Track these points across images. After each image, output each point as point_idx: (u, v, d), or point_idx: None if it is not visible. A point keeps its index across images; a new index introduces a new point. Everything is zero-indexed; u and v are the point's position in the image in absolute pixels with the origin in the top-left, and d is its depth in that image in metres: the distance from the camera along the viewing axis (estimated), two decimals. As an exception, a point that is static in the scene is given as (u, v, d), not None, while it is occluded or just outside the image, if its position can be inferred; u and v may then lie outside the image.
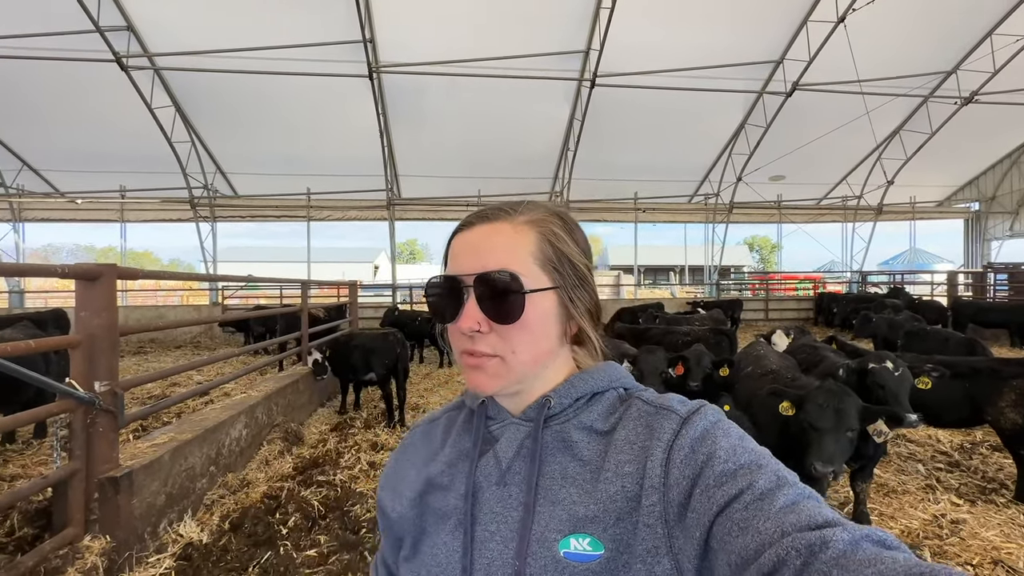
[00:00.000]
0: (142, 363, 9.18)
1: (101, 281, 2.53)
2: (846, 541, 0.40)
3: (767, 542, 0.42)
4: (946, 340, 6.00)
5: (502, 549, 0.56)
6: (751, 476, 0.48)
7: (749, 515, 0.45)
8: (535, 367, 0.62)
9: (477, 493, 0.61)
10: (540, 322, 0.60)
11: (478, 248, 0.61)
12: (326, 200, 14.72)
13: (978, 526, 2.96)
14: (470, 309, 0.59)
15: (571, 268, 0.63)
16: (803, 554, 0.40)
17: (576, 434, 0.60)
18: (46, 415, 2.43)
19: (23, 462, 4.09)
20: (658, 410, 0.59)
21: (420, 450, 0.70)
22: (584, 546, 0.53)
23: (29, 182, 13.87)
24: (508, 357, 0.60)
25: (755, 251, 49.78)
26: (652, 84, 11.76)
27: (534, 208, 0.64)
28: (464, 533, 0.59)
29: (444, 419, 0.72)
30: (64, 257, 41.26)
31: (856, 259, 17.44)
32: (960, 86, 12.68)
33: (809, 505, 0.45)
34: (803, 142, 13.90)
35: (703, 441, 0.53)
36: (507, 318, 0.58)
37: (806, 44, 11.25)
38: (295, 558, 2.71)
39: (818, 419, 2.34)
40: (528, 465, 0.59)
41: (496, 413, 0.66)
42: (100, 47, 9.83)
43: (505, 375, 0.60)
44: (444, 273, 0.63)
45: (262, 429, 4.35)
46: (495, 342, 0.60)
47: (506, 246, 0.61)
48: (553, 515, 0.56)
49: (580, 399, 0.63)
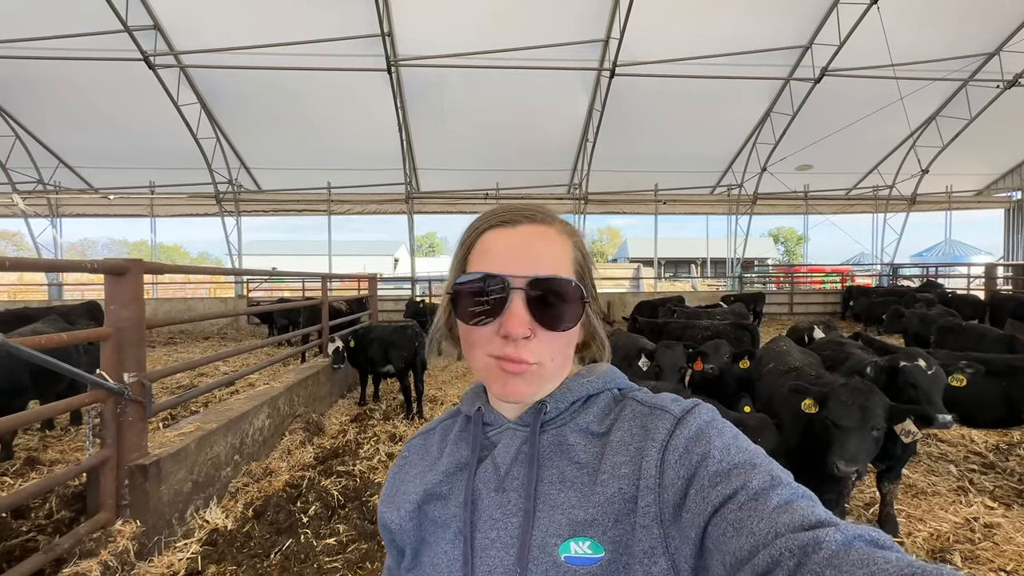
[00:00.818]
0: (172, 353, 9.50)
1: (128, 276, 2.61)
2: (839, 541, 0.40)
3: (761, 543, 0.42)
4: (982, 336, 5.74)
5: (503, 556, 0.56)
6: (745, 476, 0.48)
7: (743, 515, 0.45)
8: (560, 374, 0.63)
9: (476, 500, 0.60)
10: (575, 331, 0.62)
11: (528, 249, 0.59)
12: (346, 194, 14.90)
13: (1013, 531, 2.84)
14: (519, 313, 0.56)
15: (591, 278, 0.65)
16: (796, 555, 0.40)
17: (573, 437, 0.60)
18: (79, 404, 2.53)
19: (61, 448, 4.29)
20: (652, 410, 0.58)
21: (417, 463, 0.70)
22: (584, 549, 0.53)
23: (65, 179, 14.43)
24: (547, 364, 0.59)
25: (780, 243, 48.51)
26: (673, 72, 11.48)
27: (561, 218, 0.65)
28: (464, 541, 0.58)
29: (439, 429, 0.72)
30: (100, 250, 42.90)
31: (887, 251, 16.83)
32: (1003, 68, 12.02)
33: (803, 505, 0.45)
34: (832, 130, 13.42)
35: (697, 441, 0.53)
36: (560, 325, 0.58)
37: (836, 27, 10.81)
38: (315, 546, 2.77)
39: (842, 417, 2.27)
40: (526, 470, 0.59)
41: (493, 419, 0.65)
42: (128, 46, 10.11)
43: (539, 382, 0.60)
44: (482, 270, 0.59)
45: (284, 419, 4.46)
46: (538, 348, 0.58)
47: (556, 252, 0.60)
48: (553, 520, 0.55)
49: (576, 402, 0.62)
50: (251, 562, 2.64)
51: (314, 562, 2.64)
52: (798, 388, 2.49)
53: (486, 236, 0.61)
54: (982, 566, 2.54)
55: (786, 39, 11.42)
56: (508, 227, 0.60)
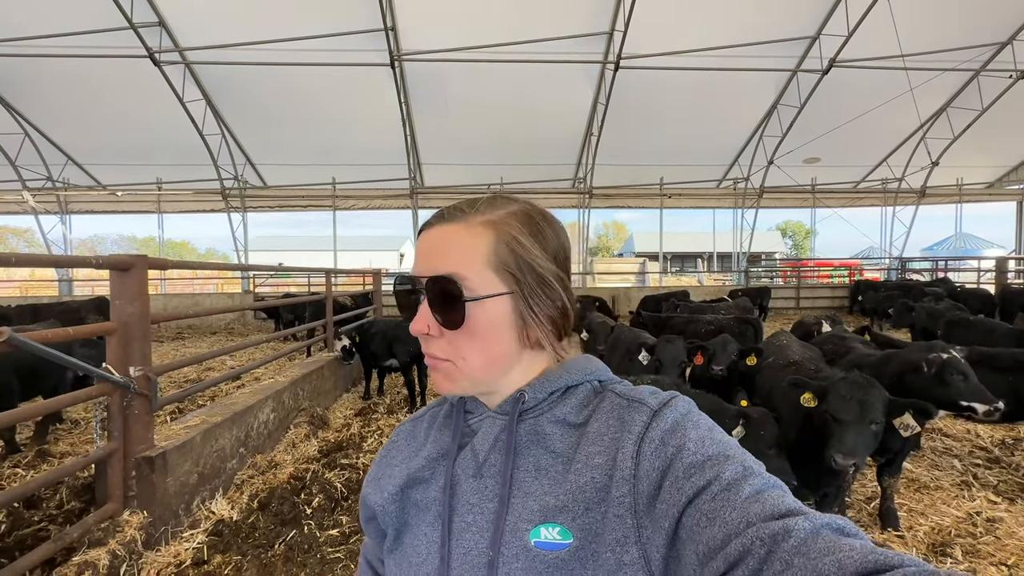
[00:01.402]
0: (180, 348, 9.61)
1: (133, 272, 2.65)
2: (807, 530, 0.41)
3: (733, 532, 0.44)
4: (991, 331, 5.66)
5: (477, 539, 0.58)
6: (718, 467, 0.49)
7: (716, 505, 0.46)
8: (491, 373, 0.62)
9: (455, 485, 0.62)
10: (489, 329, 0.59)
11: (431, 250, 0.61)
12: (351, 190, 14.95)
13: (1016, 525, 2.83)
14: (423, 312, 0.60)
15: (531, 274, 0.60)
16: (767, 543, 0.41)
17: (549, 427, 0.61)
18: (86, 398, 2.57)
19: (72, 440, 4.37)
20: (630, 403, 0.59)
21: (404, 448, 0.71)
22: (554, 535, 0.54)
23: (74, 176, 14.58)
24: (459, 363, 0.60)
25: (788, 237, 48.08)
26: (678, 65, 11.37)
27: (496, 206, 0.62)
28: (442, 524, 0.60)
29: (428, 415, 0.74)
30: (109, 246, 43.39)
31: (896, 245, 16.64)
32: (1016, 58, 11.79)
33: (774, 494, 0.46)
34: (840, 122, 13.25)
35: (673, 433, 0.54)
36: (452, 324, 0.59)
37: (844, 17, 10.65)
38: (318, 537, 2.81)
39: (841, 411, 2.26)
40: (503, 458, 0.60)
41: (474, 408, 0.67)
42: (134, 43, 10.17)
43: (459, 379, 0.61)
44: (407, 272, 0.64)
45: (289, 413, 4.51)
46: (445, 347, 0.60)
47: (458, 249, 0.59)
48: (525, 506, 0.57)
49: (554, 393, 0.63)
50: (256, 552, 2.69)
51: (317, 552, 2.69)
52: (798, 382, 2.48)
53: (418, 239, 0.64)
54: (983, 560, 2.54)
55: (793, 30, 11.27)
56: (427, 229, 0.63)
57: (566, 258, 0.65)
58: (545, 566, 0.53)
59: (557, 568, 0.53)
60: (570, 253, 0.67)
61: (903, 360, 3.02)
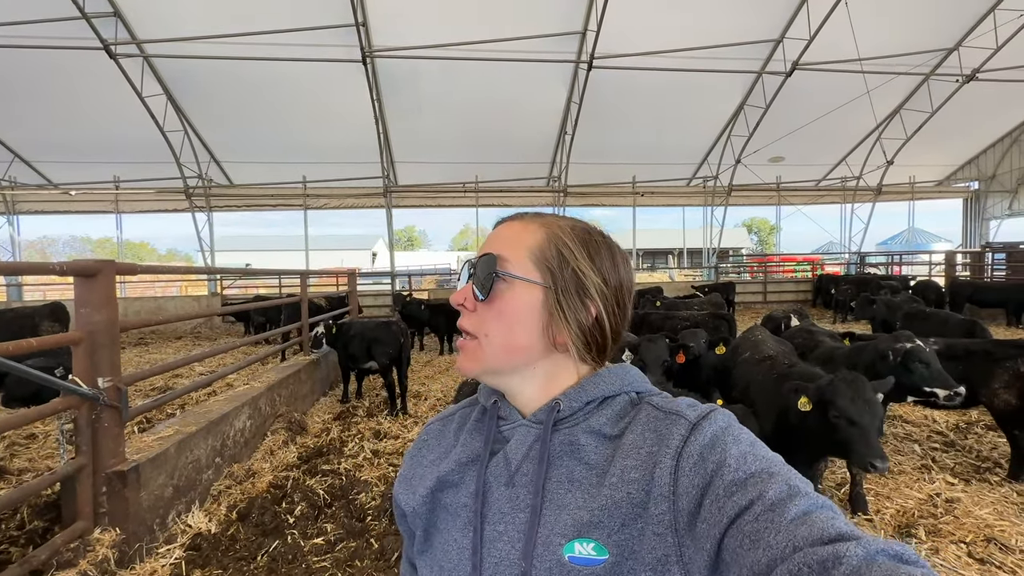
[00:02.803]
0: (143, 355, 9.20)
1: (99, 278, 2.52)
2: (860, 557, 0.38)
3: (779, 557, 0.42)
4: (945, 321, 6.02)
5: (509, 550, 0.57)
6: (762, 485, 0.48)
7: (760, 527, 0.44)
8: (509, 358, 0.63)
9: (487, 493, 0.62)
10: (515, 312, 0.62)
11: (491, 239, 0.67)
12: (322, 188, 14.62)
13: (972, 504, 3.01)
14: (465, 287, 0.65)
15: (571, 276, 0.62)
16: (816, 570, 0.39)
17: (584, 438, 0.60)
18: (51, 412, 2.44)
19: (30, 456, 4.13)
20: (667, 415, 0.58)
21: (434, 448, 0.72)
22: (588, 551, 0.53)
23: (21, 174, 13.74)
24: (482, 340, 0.63)
25: (754, 233, 49.69)
26: (650, 65, 11.59)
27: (560, 218, 0.68)
28: (474, 531, 0.60)
29: (458, 416, 0.74)
30: (61, 248, 41.10)
31: (855, 240, 17.43)
32: (962, 63, 12.52)
33: (822, 516, 0.44)
34: (803, 123, 13.79)
35: (713, 448, 0.53)
36: (482, 293, 0.63)
37: (806, 22, 11.07)
38: (303, 546, 2.75)
39: (858, 414, 2.21)
40: (536, 467, 0.60)
41: (508, 414, 0.66)
42: (87, 34, 9.64)
43: (480, 359, 0.63)
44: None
45: (266, 420, 4.39)
46: (474, 321, 0.64)
47: (510, 237, 0.65)
48: (559, 519, 0.56)
49: (591, 403, 0.63)
50: (237, 565, 2.61)
51: (302, 562, 2.63)
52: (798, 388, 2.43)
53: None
54: (944, 539, 2.70)
55: (758, 33, 11.64)
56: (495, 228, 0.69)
57: (620, 285, 0.66)
58: None
59: None
60: (628, 286, 0.67)
61: (873, 351, 3.18)
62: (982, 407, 3.69)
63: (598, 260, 0.64)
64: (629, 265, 0.68)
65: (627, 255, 0.69)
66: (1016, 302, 9.85)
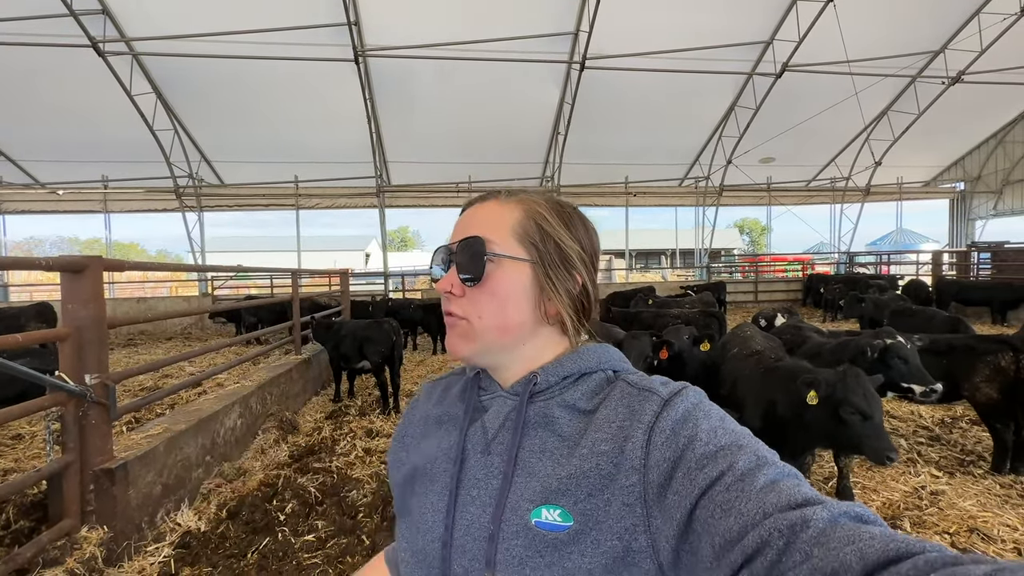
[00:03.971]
0: (132, 355, 9.10)
1: (87, 273, 2.50)
2: (825, 519, 0.41)
3: (750, 523, 0.43)
4: (931, 319, 6.12)
5: (480, 514, 0.60)
6: (732, 457, 0.49)
7: (731, 496, 0.46)
8: (503, 337, 0.64)
9: (464, 459, 0.64)
10: (507, 291, 0.63)
11: (466, 222, 0.67)
12: (315, 188, 14.54)
13: (956, 496, 3.07)
14: (450, 273, 0.65)
15: (555, 248, 0.65)
16: (785, 534, 0.41)
17: (559, 411, 0.62)
18: (37, 408, 2.42)
19: (16, 455, 4.07)
20: (640, 391, 0.60)
21: (421, 406, 0.77)
22: (554, 517, 0.55)
23: (8, 174, 13.54)
24: (475, 322, 0.64)
25: (745, 233, 50.07)
26: (642, 66, 11.67)
27: (530, 192, 0.68)
28: (449, 495, 0.62)
29: (447, 381, 0.78)
30: (48, 249, 40.47)
31: (844, 240, 17.63)
32: (947, 66, 12.72)
33: (789, 483, 0.46)
34: (792, 124, 13.94)
35: (684, 423, 0.54)
36: (472, 280, 0.63)
37: (796, 24, 11.20)
38: (293, 543, 2.75)
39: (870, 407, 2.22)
40: (510, 437, 0.62)
41: (488, 385, 0.69)
42: (75, 31, 9.53)
43: (473, 339, 0.64)
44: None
45: (257, 418, 4.37)
46: (464, 305, 0.64)
47: (488, 218, 0.66)
48: (528, 486, 0.58)
49: (567, 378, 0.64)
50: (227, 563, 2.59)
51: (293, 559, 2.62)
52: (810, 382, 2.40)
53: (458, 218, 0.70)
54: (928, 530, 2.75)
55: (749, 34, 11.76)
56: (465, 210, 0.70)
57: (594, 253, 0.69)
58: (544, 545, 0.54)
59: (556, 549, 0.54)
60: (599, 252, 0.71)
61: (855, 346, 3.23)
62: (965, 402, 3.76)
63: (574, 230, 0.67)
64: (594, 228, 0.71)
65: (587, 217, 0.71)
66: (1000, 301, 10.02)
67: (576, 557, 0.53)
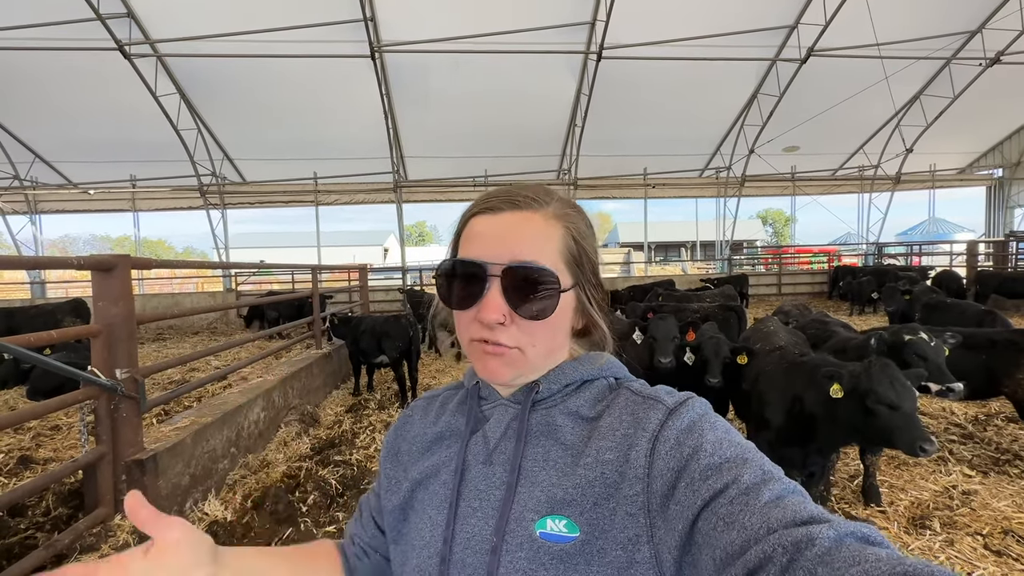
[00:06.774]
0: (161, 349, 9.41)
1: (116, 271, 2.58)
2: (831, 538, 0.40)
3: (753, 538, 0.43)
4: (963, 312, 5.89)
5: (482, 526, 0.58)
6: (737, 470, 0.48)
7: (734, 510, 0.45)
8: (548, 359, 0.64)
9: (465, 471, 0.62)
10: (561, 318, 0.61)
11: (507, 236, 0.59)
12: (333, 184, 14.72)
13: (989, 496, 2.96)
14: (494, 300, 0.58)
15: (590, 265, 0.64)
16: (789, 551, 0.40)
17: (561, 419, 0.61)
18: (72, 402, 2.52)
19: (55, 446, 4.26)
20: (645, 400, 0.59)
21: (417, 424, 0.73)
22: (560, 528, 0.54)
23: (43, 174, 14.06)
24: (527, 350, 0.60)
25: (768, 224, 48.92)
26: (660, 55, 11.41)
27: (558, 200, 0.64)
28: (449, 507, 0.61)
29: (442, 397, 0.75)
30: (81, 247, 42.08)
31: (872, 231, 17.06)
32: (985, 46, 12.11)
33: (794, 500, 0.45)
34: (818, 111, 13.48)
35: (689, 433, 0.53)
36: (538, 314, 0.58)
37: (822, 7, 10.79)
38: (315, 534, 2.81)
39: (900, 398, 2.15)
40: (513, 446, 0.61)
41: (488, 394, 0.67)
42: (102, 35, 9.80)
43: (522, 365, 0.61)
44: (461, 257, 0.61)
45: (279, 411, 4.47)
46: (516, 335, 0.59)
47: (536, 239, 0.59)
48: (532, 496, 0.57)
49: (569, 385, 0.63)
50: (252, 551, 2.67)
51: (315, 549, 2.68)
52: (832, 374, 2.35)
53: (473, 222, 0.62)
54: (960, 531, 2.66)
55: (772, 19, 11.39)
56: (491, 214, 0.61)
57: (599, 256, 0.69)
58: (549, 557, 0.53)
59: (561, 560, 0.52)
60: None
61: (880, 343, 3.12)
62: (1002, 398, 3.61)
63: (594, 240, 0.67)
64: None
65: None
66: (1043, 292, 9.58)
67: (582, 568, 0.52)
